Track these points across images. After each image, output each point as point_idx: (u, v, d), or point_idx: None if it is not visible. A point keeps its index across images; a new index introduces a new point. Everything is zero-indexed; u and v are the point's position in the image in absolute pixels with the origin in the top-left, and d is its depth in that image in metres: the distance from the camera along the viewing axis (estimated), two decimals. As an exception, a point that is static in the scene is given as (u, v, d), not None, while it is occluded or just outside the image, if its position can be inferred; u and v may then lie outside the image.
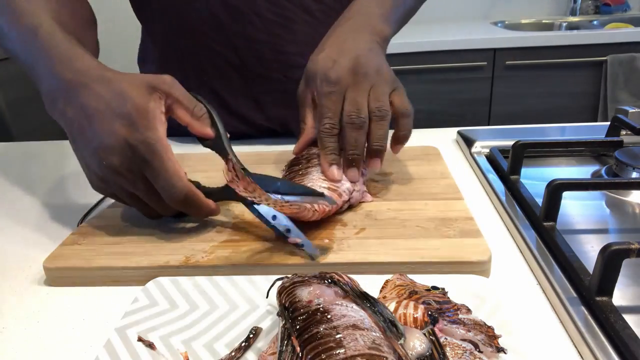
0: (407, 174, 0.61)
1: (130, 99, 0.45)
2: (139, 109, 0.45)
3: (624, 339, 0.34)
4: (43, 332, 0.40)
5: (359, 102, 0.52)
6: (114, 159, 0.44)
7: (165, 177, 0.45)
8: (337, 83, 0.52)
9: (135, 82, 0.46)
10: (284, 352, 0.30)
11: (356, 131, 0.52)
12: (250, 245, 0.47)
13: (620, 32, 1.81)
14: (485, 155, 0.68)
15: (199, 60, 0.76)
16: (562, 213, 0.50)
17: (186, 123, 0.50)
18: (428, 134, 0.81)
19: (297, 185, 0.49)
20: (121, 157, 0.44)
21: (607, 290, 0.38)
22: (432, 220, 0.50)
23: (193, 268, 0.45)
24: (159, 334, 0.37)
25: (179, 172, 0.46)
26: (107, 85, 0.46)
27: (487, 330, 0.33)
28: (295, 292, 0.33)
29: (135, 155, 0.44)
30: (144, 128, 0.44)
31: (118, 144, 0.44)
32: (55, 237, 0.51)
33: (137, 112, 0.45)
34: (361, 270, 0.43)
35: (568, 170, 0.68)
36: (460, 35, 1.80)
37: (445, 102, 1.87)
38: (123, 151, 0.44)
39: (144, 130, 0.44)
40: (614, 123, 0.69)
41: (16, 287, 0.47)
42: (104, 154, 0.44)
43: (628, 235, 0.52)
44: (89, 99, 0.45)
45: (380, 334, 0.29)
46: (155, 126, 0.45)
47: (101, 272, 0.46)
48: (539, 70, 1.79)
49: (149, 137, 0.44)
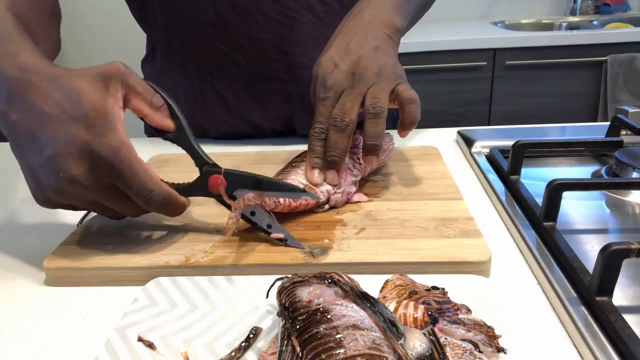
0: (407, 174, 0.61)
1: (86, 97, 0.40)
2: (96, 108, 0.40)
3: (624, 339, 0.34)
4: (43, 332, 0.40)
5: (346, 106, 0.52)
6: (75, 169, 0.40)
7: (139, 183, 0.42)
8: (332, 88, 0.53)
9: (87, 77, 0.41)
10: (284, 352, 0.30)
11: (337, 133, 0.52)
12: (250, 245, 0.47)
13: (620, 32, 1.81)
14: (485, 155, 0.68)
15: (202, 60, 0.76)
16: (562, 213, 0.50)
17: (144, 115, 0.46)
18: (428, 134, 0.81)
19: (276, 182, 0.48)
20: (84, 166, 0.40)
21: (607, 290, 0.38)
22: (432, 220, 0.50)
23: (193, 268, 0.45)
24: (159, 334, 0.37)
25: (152, 175, 0.43)
26: (58, 84, 0.41)
27: (487, 330, 0.33)
28: (295, 292, 0.33)
29: (100, 163, 0.40)
30: (105, 130, 0.40)
31: (78, 152, 0.39)
32: (55, 237, 0.51)
33: (95, 113, 0.40)
34: (361, 270, 0.43)
35: (568, 170, 0.68)
36: (460, 35, 1.80)
37: (445, 102, 1.87)
38: (85, 159, 0.40)
39: (105, 133, 0.40)
40: (614, 123, 0.69)
41: (16, 287, 0.47)
42: (63, 164, 0.39)
43: (628, 235, 0.52)
44: (38, 101, 0.40)
45: (380, 334, 0.29)
46: (116, 127, 0.41)
47: (101, 272, 0.46)
48: (539, 70, 1.79)
49: (113, 140, 0.40)
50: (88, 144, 0.39)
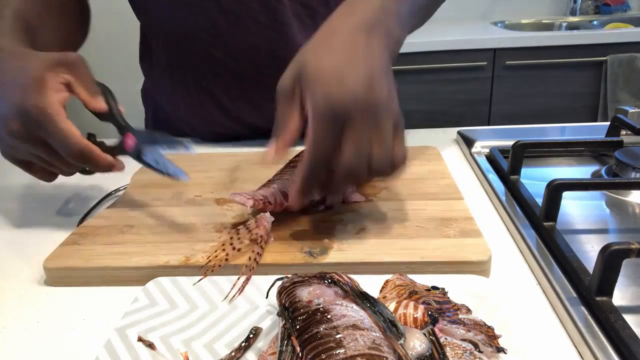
0: (407, 174, 0.61)
1: (30, 70, 0.49)
2: (34, 77, 0.49)
3: (624, 339, 0.34)
4: (43, 332, 0.40)
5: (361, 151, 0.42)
6: (13, 125, 0.48)
7: (60, 136, 0.48)
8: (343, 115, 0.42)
9: (40, 58, 0.51)
10: (284, 352, 0.30)
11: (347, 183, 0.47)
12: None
13: (620, 32, 1.81)
14: (485, 155, 0.68)
15: (197, 66, 0.76)
16: (562, 213, 0.50)
17: (83, 100, 0.53)
18: (428, 134, 0.81)
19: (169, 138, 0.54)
20: (18, 123, 0.48)
21: (607, 290, 0.38)
22: (432, 220, 0.50)
23: (193, 268, 0.45)
24: (159, 334, 0.37)
25: (72, 130, 0.49)
26: (17, 61, 0.51)
27: (487, 330, 0.33)
28: (295, 292, 0.33)
29: (29, 120, 0.48)
30: (36, 94, 0.48)
31: (14, 111, 0.48)
32: (55, 237, 0.51)
33: (32, 81, 0.48)
34: (361, 270, 0.43)
35: (568, 170, 0.68)
36: (460, 35, 1.80)
37: (445, 102, 1.87)
38: (19, 117, 0.48)
39: (35, 96, 0.48)
40: (614, 123, 0.69)
41: (16, 287, 0.47)
42: (5, 122, 0.49)
43: (628, 235, 0.52)
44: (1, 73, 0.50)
45: (380, 334, 0.29)
46: (46, 92, 0.48)
47: (101, 272, 0.46)
48: (539, 70, 1.79)
49: (40, 101, 0.48)
50: (21, 103, 0.48)
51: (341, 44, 0.45)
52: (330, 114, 0.42)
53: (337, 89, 0.42)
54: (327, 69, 0.43)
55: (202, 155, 0.71)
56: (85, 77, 0.52)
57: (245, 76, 0.76)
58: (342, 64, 0.43)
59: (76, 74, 0.52)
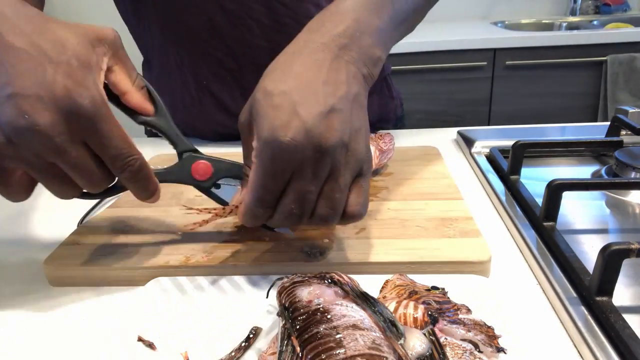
0: (407, 174, 0.61)
1: (71, 45, 0.35)
2: (80, 58, 0.35)
3: (624, 339, 0.34)
4: (43, 332, 0.40)
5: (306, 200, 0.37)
6: (42, 116, 0.33)
7: (119, 145, 0.37)
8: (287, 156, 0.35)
9: (77, 29, 0.36)
10: (284, 352, 0.30)
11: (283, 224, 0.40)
12: (250, 245, 0.47)
13: (620, 32, 1.81)
14: (485, 155, 0.68)
15: (198, 66, 0.76)
16: (562, 213, 0.50)
17: (124, 92, 0.41)
18: (428, 134, 0.81)
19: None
20: (54, 115, 0.33)
21: (607, 290, 0.38)
22: (432, 220, 0.50)
23: (193, 268, 0.45)
24: (159, 334, 0.37)
25: (132, 141, 0.38)
26: (38, 25, 0.35)
27: (487, 330, 0.33)
28: (295, 292, 0.33)
29: (78, 116, 0.34)
30: (88, 82, 0.35)
31: (52, 98, 0.33)
32: (55, 237, 0.51)
33: (79, 62, 0.35)
34: (361, 270, 0.43)
35: (568, 170, 0.68)
36: (460, 35, 1.80)
37: (445, 102, 1.87)
38: (59, 108, 0.33)
39: (89, 85, 0.34)
40: (614, 123, 0.69)
41: (16, 287, 0.47)
42: (28, 107, 0.33)
43: (628, 235, 0.52)
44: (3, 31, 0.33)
45: (380, 334, 0.29)
46: (98, 84, 0.36)
47: (101, 272, 0.46)
48: (539, 70, 1.79)
49: (97, 94, 0.35)
50: (69, 91, 0.34)
51: (300, 67, 0.38)
52: (273, 154, 0.35)
53: (286, 122, 0.35)
54: (276, 96, 0.36)
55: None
56: (126, 62, 0.40)
57: (246, 76, 0.76)
58: (297, 91, 0.36)
59: (118, 56, 0.39)
